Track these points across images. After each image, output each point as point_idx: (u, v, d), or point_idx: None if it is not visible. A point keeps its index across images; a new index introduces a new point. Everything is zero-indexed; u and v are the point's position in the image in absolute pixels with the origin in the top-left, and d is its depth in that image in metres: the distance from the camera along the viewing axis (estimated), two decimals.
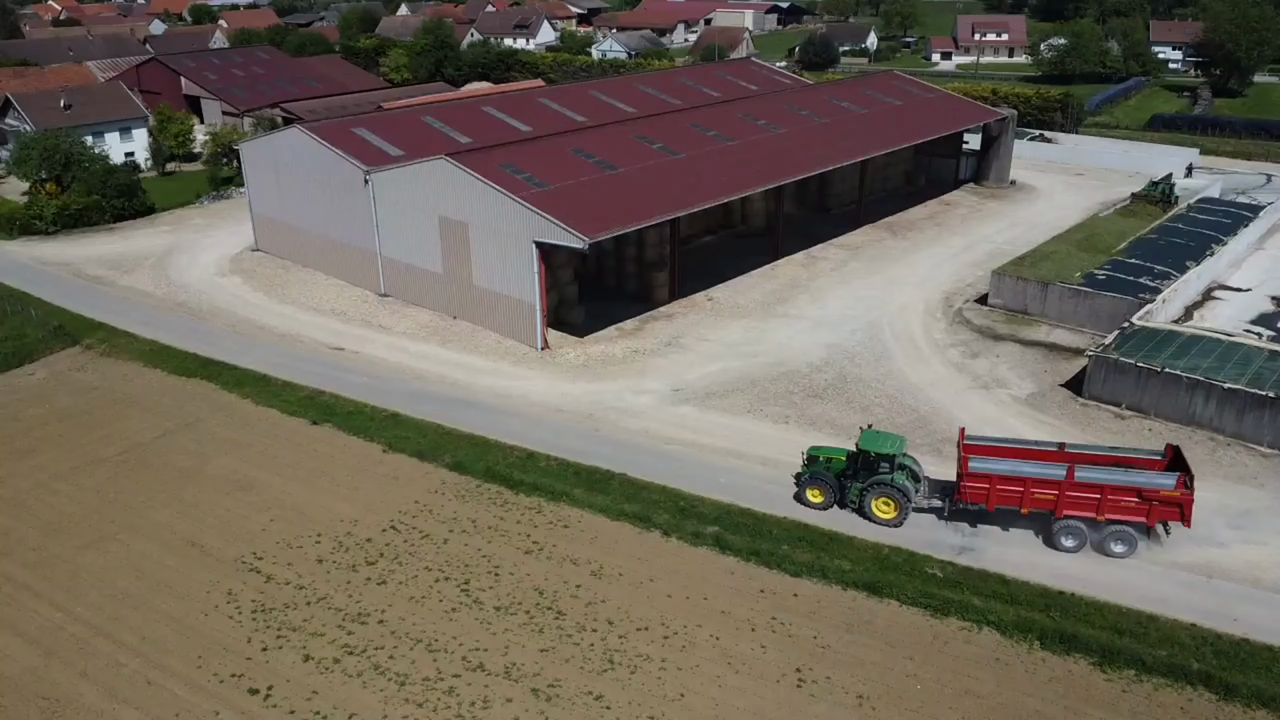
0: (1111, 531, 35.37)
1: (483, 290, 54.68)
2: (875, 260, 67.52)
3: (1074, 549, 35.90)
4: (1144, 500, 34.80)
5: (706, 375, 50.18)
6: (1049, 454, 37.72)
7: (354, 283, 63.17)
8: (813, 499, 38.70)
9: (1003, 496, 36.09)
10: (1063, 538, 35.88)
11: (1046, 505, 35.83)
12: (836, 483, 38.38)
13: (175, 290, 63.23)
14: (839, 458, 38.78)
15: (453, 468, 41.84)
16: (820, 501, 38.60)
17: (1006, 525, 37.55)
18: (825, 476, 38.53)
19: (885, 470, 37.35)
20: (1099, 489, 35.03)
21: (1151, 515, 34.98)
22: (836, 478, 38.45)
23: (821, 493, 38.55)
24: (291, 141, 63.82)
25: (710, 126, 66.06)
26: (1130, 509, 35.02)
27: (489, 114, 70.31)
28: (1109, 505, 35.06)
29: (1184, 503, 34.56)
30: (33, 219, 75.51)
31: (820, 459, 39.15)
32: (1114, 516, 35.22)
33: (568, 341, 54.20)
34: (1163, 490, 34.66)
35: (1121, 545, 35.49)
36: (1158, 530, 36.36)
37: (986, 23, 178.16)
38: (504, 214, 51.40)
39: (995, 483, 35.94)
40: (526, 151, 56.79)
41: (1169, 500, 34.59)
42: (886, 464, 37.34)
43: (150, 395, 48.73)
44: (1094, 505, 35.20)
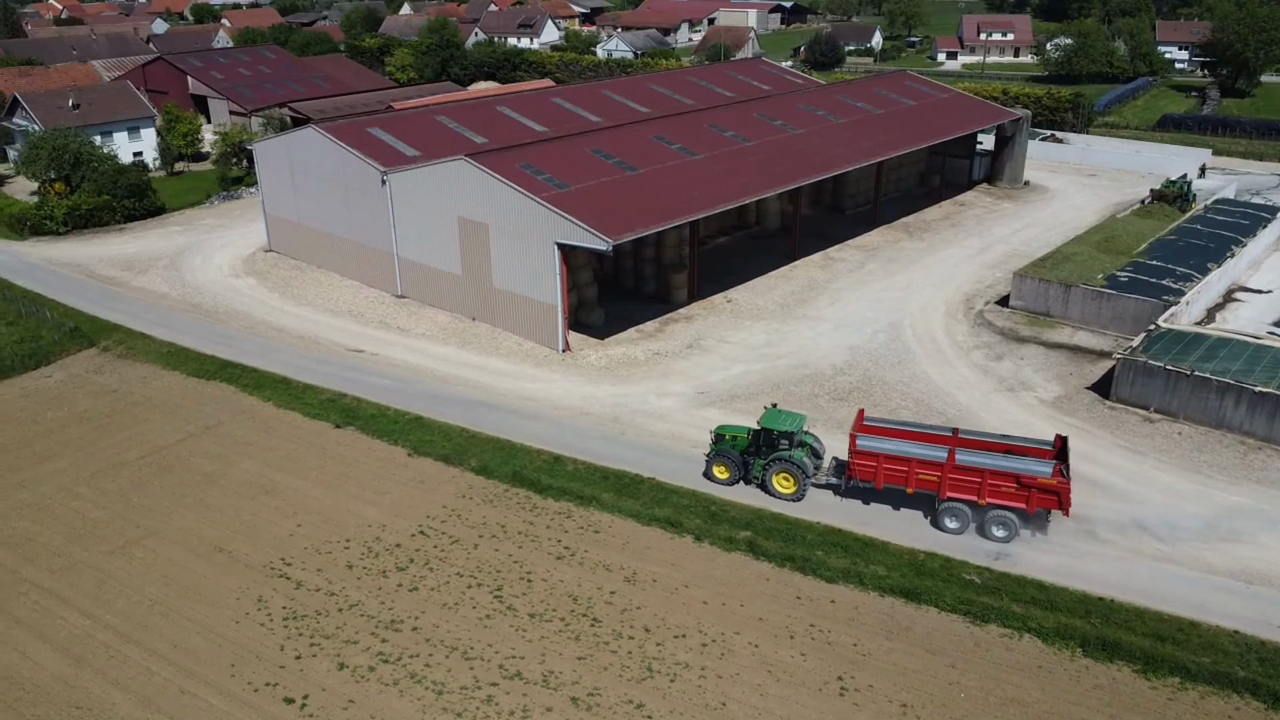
0: (993, 515, 36.31)
1: (502, 292, 54.27)
2: (893, 261, 67.17)
3: (957, 531, 36.91)
4: (1023, 487, 35.69)
5: (729, 378, 49.81)
6: (940, 438, 38.69)
7: (370, 284, 62.74)
8: (719, 475, 40.24)
9: (890, 475, 37.33)
10: (946, 519, 36.99)
11: (931, 486, 37.00)
12: (741, 459, 39.84)
13: (190, 291, 62.74)
14: (743, 435, 40.25)
15: (479, 472, 41.44)
16: (726, 477, 40.10)
17: (897, 505, 38.66)
18: (730, 454, 39.97)
19: (785, 447, 38.97)
20: (979, 473, 36.02)
21: (1031, 502, 35.78)
22: (741, 455, 39.93)
23: (727, 469, 40.06)
24: (306, 142, 63.37)
25: (727, 127, 65.67)
26: (1010, 494, 35.91)
27: (503, 114, 69.87)
28: (989, 490, 36.05)
29: (1060, 491, 35.33)
30: (43, 219, 74.96)
31: (726, 437, 40.54)
32: (995, 501, 36.17)
33: (588, 343, 53.81)
34: (1039, 478, 35.45)
35: (1002, 530, 36.35)
36: (1044, 519, 37.02)
37: (992, 22, 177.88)
38: (525, 215, 50.99)
39: (882, 461, 37.17)
40: (546, 152, 56.36)
41: (1046, 488, 35.36)
42: (786, 441, 38.96)
43: (170, 398, 48.26)
44: (975, 489, 36.22)
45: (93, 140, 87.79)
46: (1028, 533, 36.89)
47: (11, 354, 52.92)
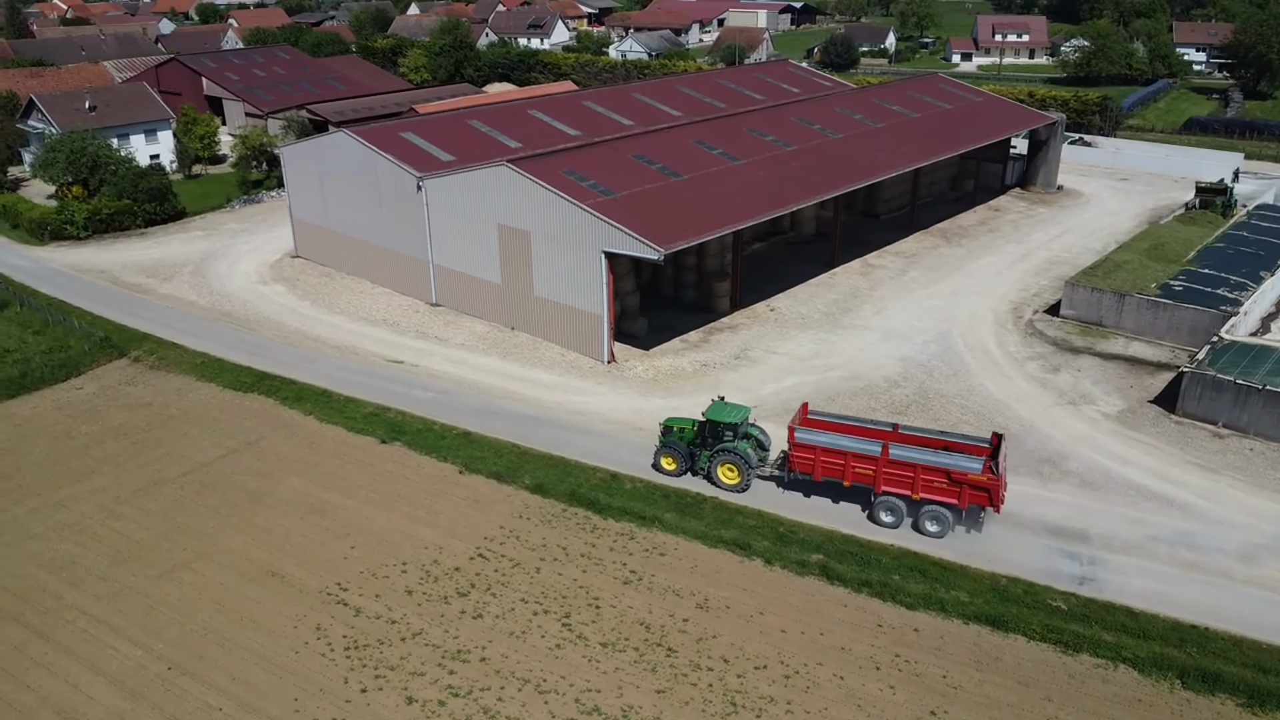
0: (926, 510, 36.81)
1: (544, 301, 52.86)
2: (934, 269, 65.82)
3: (892, 525, 37.48)
4: (954, 483, 36.10)
5: (781, 391, 48.41)
6: (880, 432, 39.20)
7: (403, 291, 61.31)
8: (666, 466, 40.90)
9: (827, 468, 37.93)
10: (881, 513, 37.59)
11: (866, 480, 37.57)
12: (687, 451, 40.55)
13: (219, 299, 61.28)
14: (689, 428, 40.96)
15: (534, 490, 40.03)
16: (673, 469, 40.75)
17: (836, 498, 39.06)
18: (677, 445, 40.62)
19: (730, 438, 39.59)
20: (912, 468, 36.57)
21: (963, 498, 36.18)
22: (688, 446, 40.60)
23: (674, 460, 40.69)
24: (337, 146, 61.92)
25: (767, 131, 64.27)
26: (942, 490, 36.39)
27: (535, 117, 68.46)
28: (923, 485, 36.55)
29: (990, 488, 35.67)
30: (64, 224, 73.46)
31: (674, 429, 41.18)
32: (928, 496, 36.67)
33: (633, 354, 52.42)
34: (970, 474, 35.87)
35: (935, 525, 36.82)
36: (979, 516, 37.59)
37: (1007, 23, 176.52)
38: (571, 223, 49.59)
39: (819, 454, 37.80)
40: (588, 157, 54.96)
41: (977, 484, 35.74)
42: (731, 432, 39.55)
43: (207, 411, 46.82)
44: (909, 483, 36.75)
45: (110, 143, 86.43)
46: (962, 529, 37.26)
47: (41, 365, 51.45)
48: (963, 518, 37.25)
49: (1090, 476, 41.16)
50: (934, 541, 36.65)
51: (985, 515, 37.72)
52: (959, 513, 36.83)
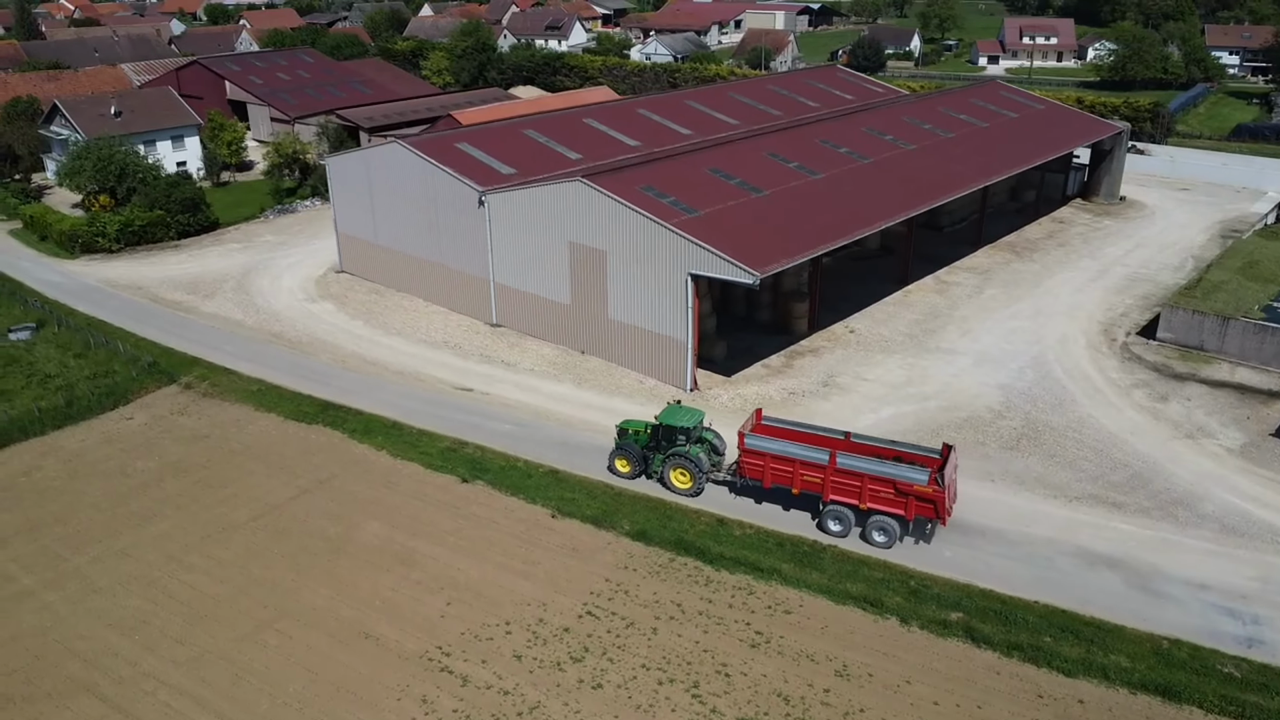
0: (873, 521, 36.41)
1: (620, 324, 49.86)
2: (1010, 286, 62.88)
3: (840, 534, 36.97)
4: (900, 493, 35.54)
5: (880, 422, 45.45)
6: (831, 440, 38.68)
7: (459, 310, 58.30)
8: (620, 469, 40.83)
9: (776, 475, 37.56)
10: (830, 521, 37.10)
11: (815, 488, 37.14)
12: (641, 454, 40.36)
13: (266, 318, 58.22)
14: (644, 430, 40.75)
15: (636, 537, 37.03)
16: (627, 471, 40.72)
17: (787, 506, 38.54)
18: (632, 448, 40.47)
19: (682, 443, 39.38)
20: (859, 477, 36.07)
21: (909, 509, 35.62)
22: (642, 449, 40.39)
23: (629, 463, 40.64)
24: (390, 158, 58.87)
25: (840, 143, 61.31)
26: (889, 500, 35.90)
27: (591, 126, 65.45)
28: (870, 495, 36.12)
29: (935, 499, 34.98)
30: (95, 236, 70.40)
31: (629, 432, 41.05)
32: (875, 506, 36.20)
33: (714, 381, 49.45)
34: (915, 485, 35.25)
35: (882, 536, 36.44)
36: (925, 528, 37.13)
37: (1035, 26, 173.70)
38: (653, 243, 46.60)
39: (769, 461, 37.42)
40: (663, 172, 51.97)
41: (923, 495, 35.10)
42: (684, 437, 39.36)
43: (271, 445, 43.77)
44: (856, 493, 36.34)
45: (136, 150, 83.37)
46: (911, 539, 36.69)
47: (87, 392, 48.40)
48: (910, 529, 36.87)
49: (1230, 520, 38.21)
50: (1081, 598, 33.69)
51: (933, 527, 37.12)
52: (906, 524, 36.50)
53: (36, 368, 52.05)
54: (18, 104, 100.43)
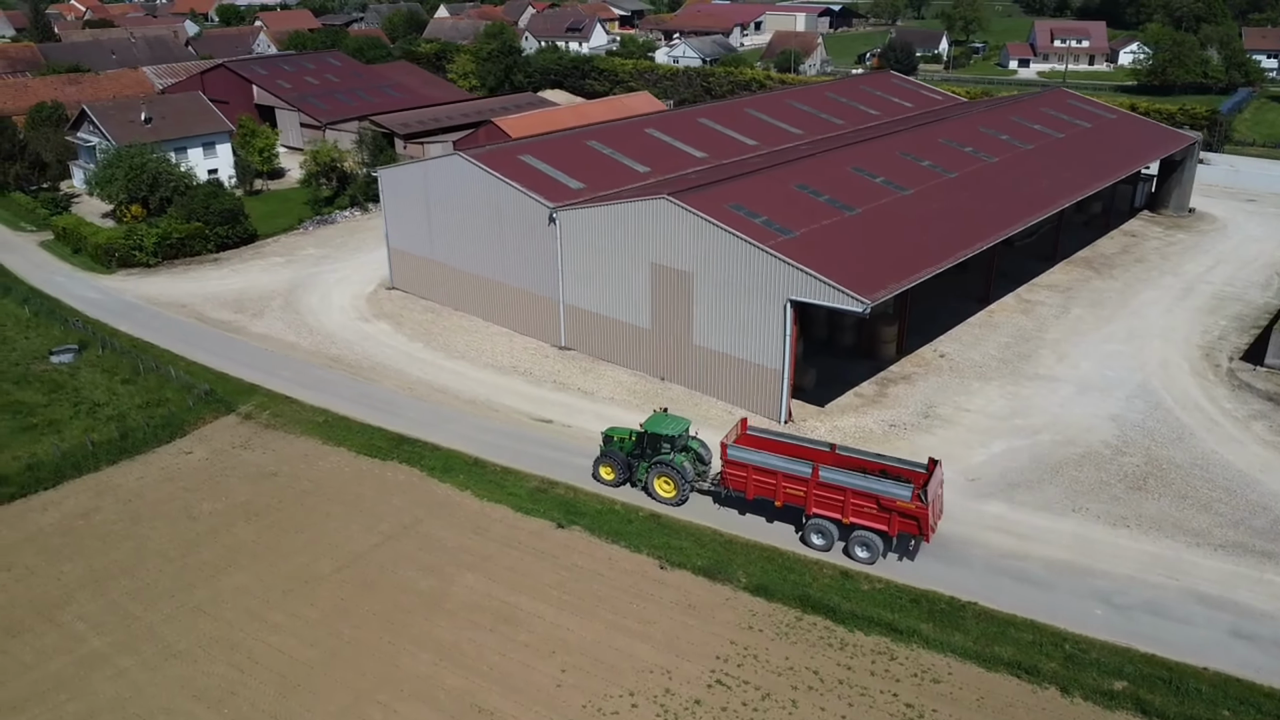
0: (856, 535, 35.68)
1: (706, 351, 46.95)
2: (1097, 306, 59.92)
3: (823, 548, 36.34)
4: (883, 509, 34.78)
5: (993, 459, 42.53)
6: (816, 453, 37.94)
7: (524, 332, 55.38)
8: (605, 476, 40.25)
9: (759, 487, 36.94)
10: (813, 535, 36.46)
11: (798, 501, 36.44)
12: (626, 462, 39.85)
13: (321, 340, 55.26)
14: (629, 438, 40.31)
15: (756, 591, 34.08)
16: (612, 479, 40.16)
17: (771, 517, 37.95)
18: (616, 455, 40.00)
19: (667, 451, 38.85)
20: (842, 491, 35.32)
21: (892, 524, 34.84)
22: (626, 457, 39.87)
23: (613, 470, 40.09)
24: (450, 170, 55.94)
25: (921, 155, 58.37)
26: (872, 515, 35.17)
27: (654, 137, 62.52)
28: (852, 509, 35.41)
29: (919, 516, 34.16)
30: (132, 250, 67.45)
31: (615, 439, 40.62)
32: (858, 521, 35.47)
33: (807, 411, 46.52)
34: (898, 500, 34.44)
35: (865, 551, 35.72)
36: (909, 544, 36.34)
37: (1066, 29, 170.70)
38: (749, 266, 43.66)
39: (751, 473, 36.82)
40: (749, 188, 49.03)
41: (906, 511, 34.29)
42: (669, 445, 38.88)
43: (345, 485, 40.78)
44: (839, 507, 35.60)
45: (168, 158, 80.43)
46: (894, 555, 35.85)
47: (141, 423, 45.46)
48: (893, 545, 36.17)
49: None
50: (1254, 664, 30.77)
51: (917, 544, 36.20)
52: (889, 540, 35.73)
53: (83, 394, 49.11)
54: (42, 109, 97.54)
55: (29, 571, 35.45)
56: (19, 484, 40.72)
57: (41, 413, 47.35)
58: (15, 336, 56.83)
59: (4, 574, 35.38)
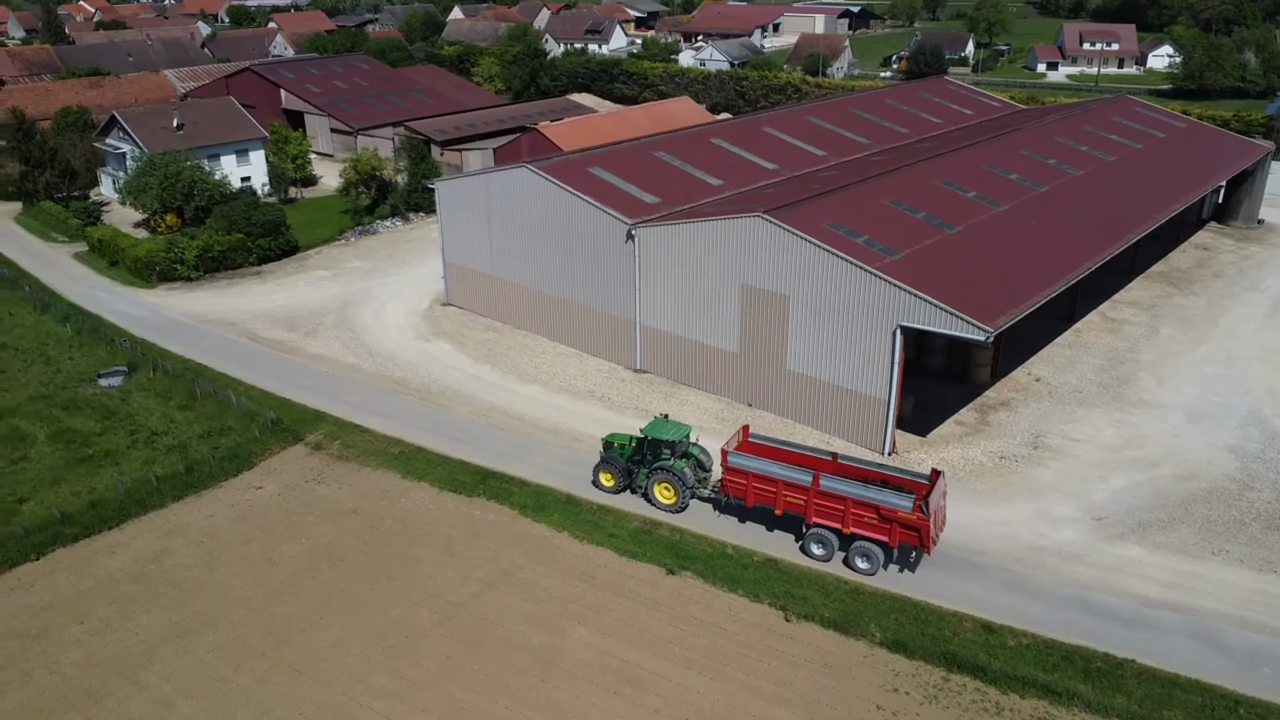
0: (857, 546, 35.10)
1: (801, 377, 44.40)
2: (1185, 325, 57.38)
3: (823, 558, 35.80)
4: (884, 519, 34.19)
5: (1115, 494, 40.00)
6: (817, 461, 37.33)
7: (594, 353, 52.83)
8: (605, 482, 39.79)
9: (759, 495, 36.52)
10: (813, 545, 35.96)
11: (798, 510, 35.92)
12: (626, 467, 39.43)
13: (381, 361, 52.65)
14: (629, 444, 39.91)
15: (893, 648, 31.52)
16: (611, 485, 39.67)
17: (771, 526, 37.45)
18: (616, 461, 39.53)
19: (668, 456, 38.45)
20: (843, 501, 34.83)
21: (893, 536, 34.22)
22: (626, 463, 39.50)
23: (613, 476, 39.59)
24: (516, 183, 53.40)
25: (1007, 168, 55.78)
26: (873, 526, 34.62)
27: (721, 147, 59.95)
28: (853, 519, 34.85)
29: (920, 527, 33.53)
30: (173, 263, 64.82)
31: (615, 445, 40.22)
32: (858, 531, 34.93)
33: (910, 441, 43.98)
34: (899, 510, 33.86)
35: (865, 562, 35.14)
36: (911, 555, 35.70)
37: (1095, 31, 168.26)
38: (854, 290, 41.13)
39: (751, 480, 36.39)
40: (842, 205, 46.45)
41: (906, 522, 33.68)
42: (669, 451, 38.46)
43: (432, 524, 38.15)
44: (839, 516, 35.06)
45: (202, 165, 77.81)
46: (895, 567, 35.30)
47: (204, 454, 42.85)
48: (894, 556, 35.51)
49: None
50: None
51: (918, 555, 35.54)
52: (890, 551, 35.05)
53: (138, 421, 46.51)
54: (68, 114, 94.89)
55: (104, 625, 32.88)
56: (82, 524, 38.12)
57: (96, 442, 44.74)
58: (59, 357, 54.22)
59: (77, 627, 32.84)
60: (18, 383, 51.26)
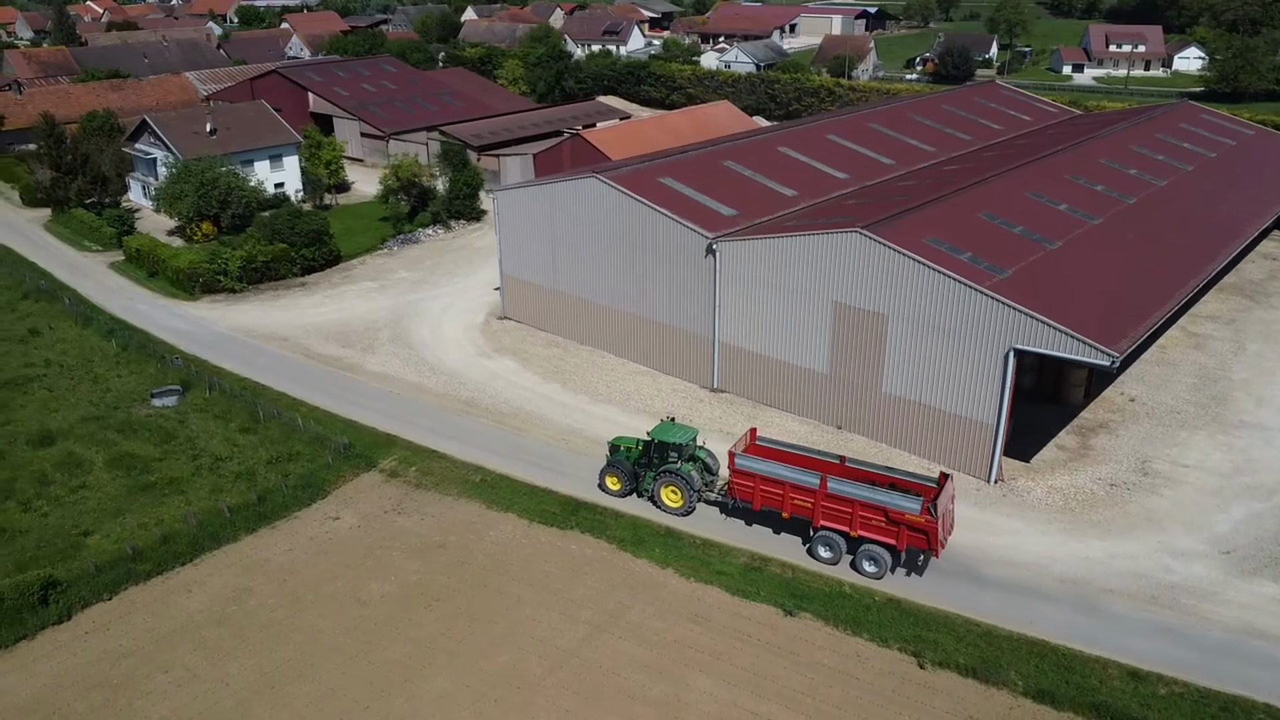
0: (864, 549, 34.87)
1: (898, 400, 42.36)
2: (1272, 340, 55.20)
3: (830, 561, 35.60)
4: (891, 522, 33.98)
5: (1238, 526, 37.95)
6: (825, 464, 37.13)
7: (665, 371, 50.80)
8: (611, 485, 39.59)
9: (766, 497, 36.33)
10: (820, 548, 35.80)
11: (805, 512, 35.74)
12: (633, 471, 39.15)
13: (446, 380, 50.53)
14: (635, 447, 39.57)
15: (1039, 698, 29.45)
16: (618, 489, 39.45)
17: (778, 529, 37.35)
18: (623, 464, 39.23)
19: (674, 459, 38.16)
20: (850, 503, 34.63)
21: (901, 539, 34.00)
22: (633, 466, 39.17)
23: (619, 480, 39.35)
24: (584, 194, 51.33)
25: (1093, 179, 53.73)
26: (880, 529, 34.39)
27: (789, 156, 57.91)
28: (861, 522, 34.63)
29: (928, 530, 33.23)
30: (217, 275, 62.69)
31: (621, 448, 39.88)
32: (866, 534, 34.70)
33: (1014, 468, 41.95)
34: (907, 513, 33.62)
35: (872, 565, 34.93)
36: (919, 559, 35.54)
37: (1121, 33, 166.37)
38: (961, 309, 39.12)
39: (759, 483, 36.16)
40: (937, 219, 44.39)
41: (914, 525, 33.44)
42: (676, 454, 38.16)
43: (527, 561, 35.99)
44: (847, 519, 34.87)
45: (236, 171, 75.65)
46: (902, 570, 35.07)
47: (274, 481, 40.71)
48: (902, 559, 35.37)
49: None
50: None
51: (926, 559, 35.40)
52: (898, 554, 35.07)
53: (199, 445, 44.40)
54: (94, 118, 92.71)
55: (190, 674, 30.78)
56: (155, 560, 36.00)
57: (157, 468, 42.62)
58: (107, 374, 52.10)
59: (162, 676, 30.75)
60: (66, 402, 49.15)
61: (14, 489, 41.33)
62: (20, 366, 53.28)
